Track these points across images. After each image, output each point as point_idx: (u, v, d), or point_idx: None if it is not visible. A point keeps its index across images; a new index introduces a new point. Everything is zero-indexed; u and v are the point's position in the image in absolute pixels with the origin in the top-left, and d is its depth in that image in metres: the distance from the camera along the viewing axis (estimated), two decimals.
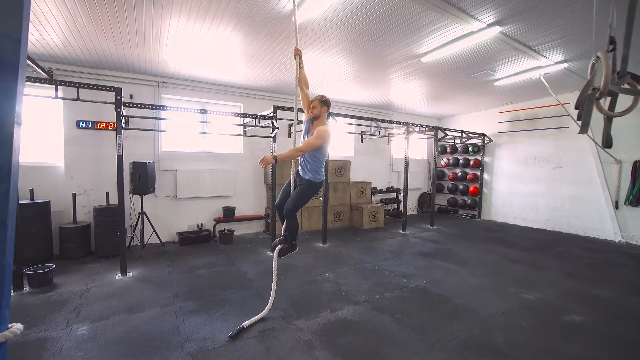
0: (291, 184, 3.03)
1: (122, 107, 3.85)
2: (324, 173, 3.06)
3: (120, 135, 3.78)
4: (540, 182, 7.54)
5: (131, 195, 4.97)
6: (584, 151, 6.76)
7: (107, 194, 4.84)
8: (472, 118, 9.05)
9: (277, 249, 3.15)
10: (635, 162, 6.12)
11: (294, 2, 2.94)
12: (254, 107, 6.43)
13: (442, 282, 4.01)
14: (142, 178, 4.81)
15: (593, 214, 6.66)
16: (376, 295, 3.57)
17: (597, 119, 1.84)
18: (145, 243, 5.25)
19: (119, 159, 3.81)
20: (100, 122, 5.02)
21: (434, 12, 3.40)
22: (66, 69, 4.78)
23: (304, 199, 3.00)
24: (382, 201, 8.48)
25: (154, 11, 3.35)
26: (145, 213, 5.12)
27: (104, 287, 3.64)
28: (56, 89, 3.52)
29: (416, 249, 5.56)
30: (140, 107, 4.20)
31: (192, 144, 5.91)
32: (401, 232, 6.87)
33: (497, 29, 3.74)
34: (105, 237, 4.64)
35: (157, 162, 5.53)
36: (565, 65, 4.99)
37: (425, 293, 3.66)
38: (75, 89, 3.60)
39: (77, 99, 3.64)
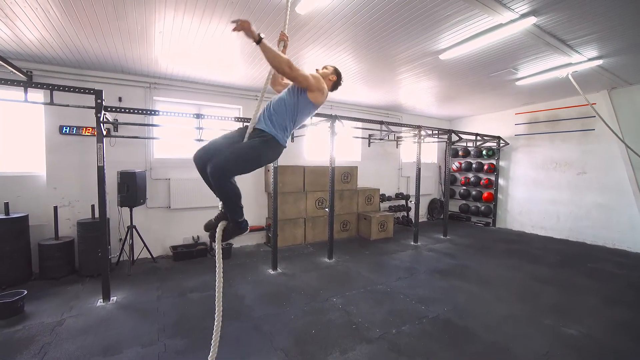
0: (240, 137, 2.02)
1: (105, 112, 3.41)
2: (288, 137, 2.15)
3: (101, 144, 3.33)
4: (562, 189, 6.99)
5: (119, 207, 4.53)
6: (612, 156, 6.21)
7: (92, 206, 4.40)
8: (486, 119, 8.52)
9: (218, 230, 2.00)
10: None
11: None
12: (254, 109, 5.96)
13: (465, 309, 3.52)
14: (131, 189, 4.37)
15: (624, 225, 6.11)
16: (392, 328, 3.09)
17: (629, 118, 1.34)
18: (135, 259, 4.81)
19: (100, 170, 3.36)
20: (86, 128, 4.63)
21: (462, 0, 2.91)
22: (46, 69, 4.35)
23: (244, 157, 1.91)
24: (390, 208, 7.98)
25: (135, 3, 2.90)
26: (135, 227, 4.68)
27: (81, 317, 3.20)
28: (25, 92, 3.08)
29: (431, 264, 5.06)
30: (129, 112, 3.75)
31: (187, 150, 5.47)
32: (412, 243, 6.37)
33: (532, 20, 3.23)
34: (89, 254, 4.21)
35: (148, 171, 5.09)
36: (599, 62, 4.47)
37: (448, 325, 3.17)
38: (49, 91, 3.16)
39: (51, 103, 3.20)
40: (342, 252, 5.62)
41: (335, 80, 2.34)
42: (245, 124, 4.59)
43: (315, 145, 6.98)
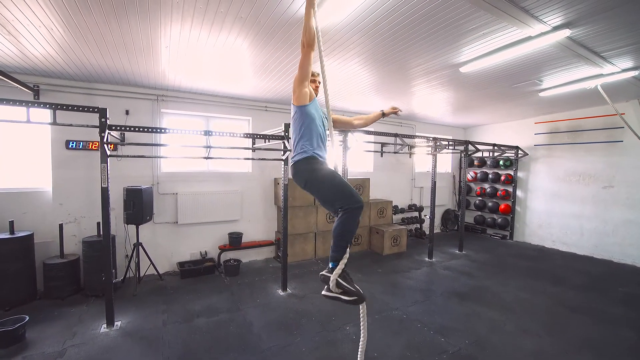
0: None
1: (109, 131, 3.28)
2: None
3: (105, 165, 3.20)
4: (585, 203, 6.63)
5: (126, 225, 4.41)
6: None
7: (98, 223, 4.29)
8: (503, 128, 8.18)
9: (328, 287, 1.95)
10: None
11: None
12: (264, 120, 5.82)
13: (488, 342, 3.26)
14: (137, 206, 4.25)
15: None
16: None
17: None
18: (141, 276, 4.69)
19: (104, 192, 3.23)
20: (93, 142, 4.53)
21: (489, 13, 2.68)
22: (54, 82, 4.27)
23: (326, 187, 1.94)
24: (403, 221, 7.73)
25: (139, 18, 2.76)
26: (141, 244, 4.56)
27: (83, 345, 3.06)
28: (27, 112, 2.96)
29: (448, 285, 4.80)
30: (135, 131, 3.60)
31: (194, 163, 5.34)
32: (427, 259, 6.11)
33: (565, 33, 2.97)
34: (95, 273, 4.08)
35: (155, 185, 4.97)
36: (634, 72, 4.15)
37: None
38: (52, 111, 3.05)
39: (54, 123, 3.09)
40: (354, 269, 5.39)
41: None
42: (254, 138, 4.43)
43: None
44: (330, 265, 1.90)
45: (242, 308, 3.96)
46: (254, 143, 4.59)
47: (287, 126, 4.29)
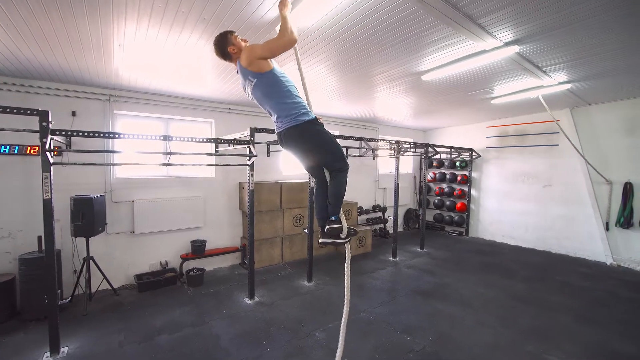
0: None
1: (52, 136, 2.94)
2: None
3: (47, 174, 2.87)
4: (529, 201, 7.31)
5: (74, 238, 4.00)
6: (574, 170, 6.57)
7: (39, 238, 3.84)
8: (460, 132, 8.74)
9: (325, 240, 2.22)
10: (625, 184, 5.97)
11: None
12: (228, 122, 5.61)
13: (450, 338, 3.46)
14: (87, 217, 3.88)
15: (583, 235, 6.48)
16: None
17: (588, 135, 1.31)
18: (93, 293, 4.28)
19: (47, 204, 2.89)
20: (32, 147, 4.02)
21: (450, 26, 2.83)
22: None
23: (332, 149, 2.11)
24: (368, 221, 7.93)
25: (87, 12, 2.50)
26: (92, 258, 4.17)
27: None
28: None
29: (412, 284, 5.01)
30: (84, 136, 3.26)
31: (153, 168, 4.99)
32: (391, 258, 6.33)
33: (515, 49, 3.25)
34: (35, 294, 3.64)
35: (108, 193, 4.57)
36: (568, 86, 4.66)
37: None
38: None
39: None
40: (321, 272, 5.42)
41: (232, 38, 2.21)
42: (218, 143, 4.25)
43: (292, 158, 6.71)
44: (332, 218, 2.18)
45: (207, 320, 3.79)
46: (217, 147, 4.41)
47: (252, 131, 4.18)
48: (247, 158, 4.17)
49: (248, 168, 4.19)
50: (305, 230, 5.05)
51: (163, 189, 5.03)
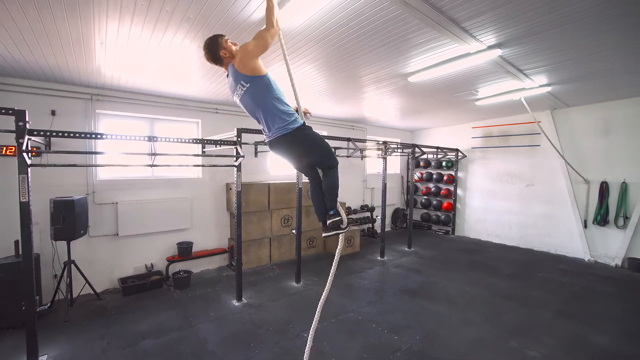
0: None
1: (29, 136, 2.84)
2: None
3: (24, 176, 2.77)
4: (513, 200, 7.51)
5: (54, 242, 3.88)
6: (554, 170, 6.79)
7: (16, 242, 3.70)
8: (446, 132, 8.89)
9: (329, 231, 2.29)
10: (602, 183, 6.21)
11: None
12: (215, 122, 5.55)
13: (436, 336, 3.52)
14: (69, 219, 3.76)
15: (564, 233, 6.70)
16: None
17: (567, 136, 1.38)
18: (74, 298, 4.15)
19: (24, 207, 2.79)
20: (8, 147, 3.87)
21: (435, 30, 2.88)
22: None
23: (322, 150, 2.16)
24: (356, 221, 7.98)
25: (68, 13, 2.43)
26: (73, 262, 4.04)
27: None
28: None
29: (399, 283, 5.08)
30: (64, 136, 3.15)
31: (137, 169, 4.88)
32: (379, 258, 6.39)
33: (497, 52, 3.34)
34: (10, 301, 3.50)
35: (91, 194, 4.45)
36: (548, 88, 4.82)
37: (422, 358, 3.13)
38: None
39: None
40: (309, 272, 5.42)
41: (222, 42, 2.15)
42: (204, 143, 4.20)
43: (280, 159, 6.69)
44: (331, 212, 2.24)
45: (194, 324, 3.74)
46: (204, 148, 4.35)
47: (239, 131, 4.15)
48: (234, 159, 4.14)
49: (235, 169, 4.15)
50: (294, 231, 5.04)
51: (148, 190, 4.93)
